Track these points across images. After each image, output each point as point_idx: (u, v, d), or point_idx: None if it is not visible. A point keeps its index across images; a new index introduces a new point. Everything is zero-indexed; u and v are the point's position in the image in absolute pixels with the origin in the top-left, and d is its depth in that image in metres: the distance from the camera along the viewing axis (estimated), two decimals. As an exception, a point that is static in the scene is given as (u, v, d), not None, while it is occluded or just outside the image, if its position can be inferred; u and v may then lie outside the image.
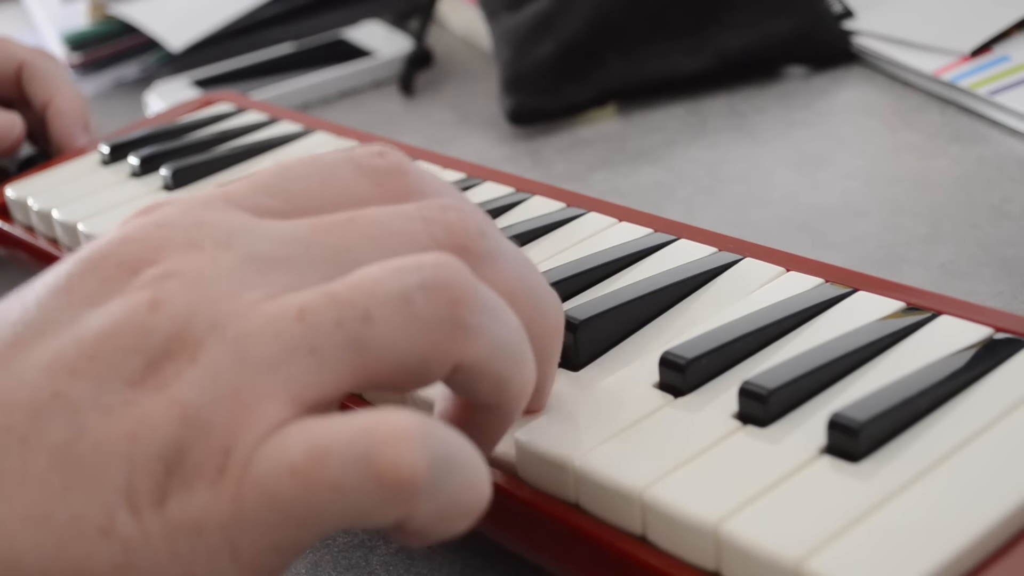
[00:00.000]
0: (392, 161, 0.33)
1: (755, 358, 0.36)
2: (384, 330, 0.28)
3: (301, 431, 0.27)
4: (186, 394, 0.27)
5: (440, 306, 0.28)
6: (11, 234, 0.58)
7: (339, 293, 0.28)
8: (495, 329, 0.29)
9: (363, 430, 0.26)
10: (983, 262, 0.51)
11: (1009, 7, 0.69)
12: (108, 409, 0.27)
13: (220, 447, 0.26)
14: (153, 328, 0.27)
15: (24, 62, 0.67)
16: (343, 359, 0.27)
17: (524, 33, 0.72)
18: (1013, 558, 0.28)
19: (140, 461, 0.26)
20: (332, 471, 0.26)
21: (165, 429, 0.26)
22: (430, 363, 0.28)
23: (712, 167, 0.63)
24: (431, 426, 0.27)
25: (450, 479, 0.27)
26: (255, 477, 0.26)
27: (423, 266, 0.28)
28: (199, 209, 0.31)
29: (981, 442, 0.31)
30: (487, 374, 0.29)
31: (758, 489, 0.30)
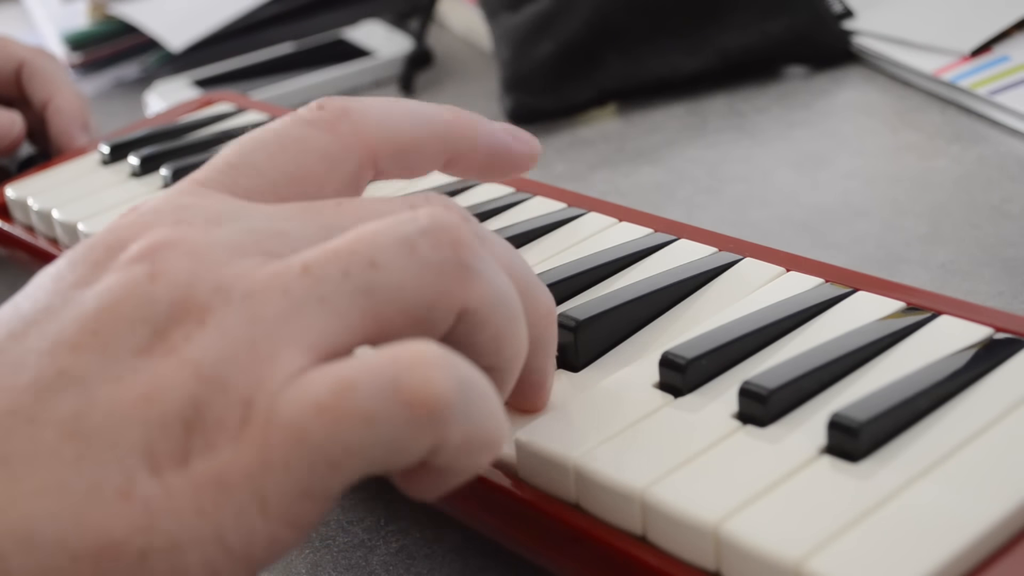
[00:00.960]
0: (333, 107, 0.34)
1: (755, 358, 0.36)
2: (391, 273, 0.28)
3: (323, 371, 0.27)
4: (199, 354, 0.26)
5: (443, 248, 0.28)
6: (11, 234, 0.58)
7: (341, 246, 0.28)
8: (495, 278, 0.29)
9: (387, 359, 0.26)
10: (983, 262, 0.51)
11: (1009, 7, 0.69)
12: (118, 378, 0.26)
13: (240, 399, 0.26)
14: (155, 297, 0.27)
15: (24, 61, 0.67)
16: (353, 305, 0.27)
17: (524, 33, 0.72)
18: (1013, 558, 0.28)
19: (157, 422, 0.26)
20: (361, 401, 0.26)
21: (181, 389, 0.26)
22: (438, 306, 0.28)
23: (712, 167, 0.63)
24: (451, 353, 0.27)
25: (474, 404, 0.27)
26: (281, 420, 0.26)
27: (420, 215, 0.29)
28: (179, 196, 0.31)
29: (981, 442, 0.31)
30: (488, 324, 0.29)
31: (758, 489, 0.30)
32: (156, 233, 0.29)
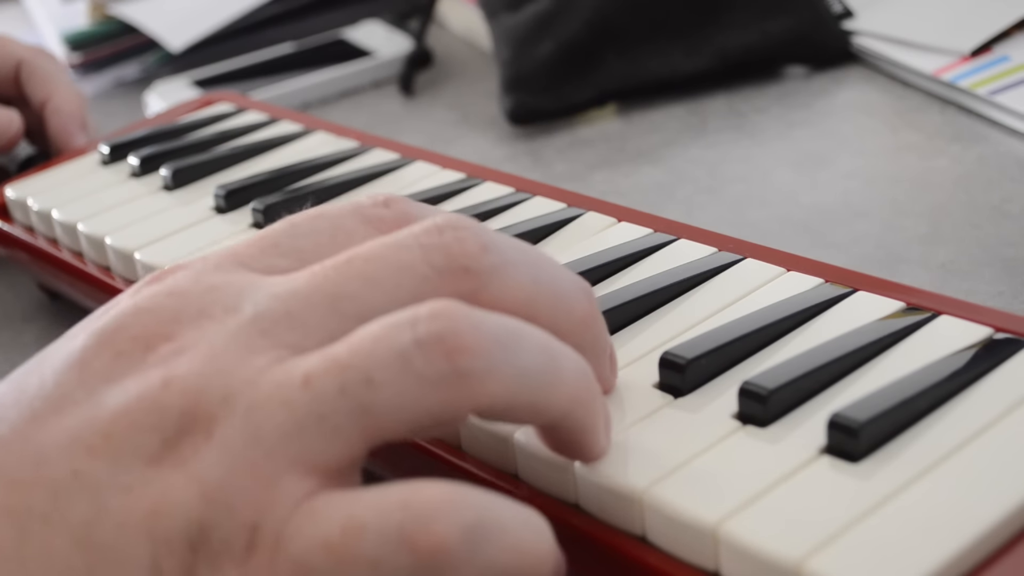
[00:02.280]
0: (397, 210, 0.33)
1: (755, 358, 0.36)
2: (388, 393, 0.27)
3: (334, 505, 0.27)
4: (205, 472, 0.27)
5: (438, 361, 0.27)
6: (11, 234, 0.58)
7: (340, 357, 0.28)
8: (509, 363, 0.28)
9: (397, 504, 0.26)
10: (983, 262, 0.51)
11: (1009, 7, 0.69)
12: (127, 488, 0.27)
13: (246, 524, 0.26)
14: (167, 405, 0.28)
15: (23, 60, 0.67)
16: (352, 424, 0.27)
17: (524, 33, 0.72)
18: (1013, 558, 0.28)
19: (163, 540, 0.26)
20: (367, 546, 0.26)
21: (187, 508, 0.26)
22: (443, 417, 0.28)
23: (712, 167, 0.63)
24: (466, 494, 0.27)
25: (487, 545, 0.26)
26: (288, 553, 0.26)
27: (417, 320, 0.28)
28: (211, 273, 0.31)
29: (981, 442, 0.31)
30: (516, 407, 0.29)
31: (758, 489, 0.30)
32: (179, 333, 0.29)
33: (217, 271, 0.31)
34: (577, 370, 0.30)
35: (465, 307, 0.28)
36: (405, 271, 0.29)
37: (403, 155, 0.55)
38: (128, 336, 0.29)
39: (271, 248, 0.32)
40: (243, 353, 0.28)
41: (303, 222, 0.32)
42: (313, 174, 0.54)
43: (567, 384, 0.30)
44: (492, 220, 0.47)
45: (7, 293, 0.62)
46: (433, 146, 0.69)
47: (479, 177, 0.51)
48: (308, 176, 0.54)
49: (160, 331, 0.29)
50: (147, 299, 0.30)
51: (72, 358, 0.29)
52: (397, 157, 0.55)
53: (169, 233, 0.51)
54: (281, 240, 0.32)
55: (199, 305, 0.30)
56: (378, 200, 0.33)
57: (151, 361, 0.29)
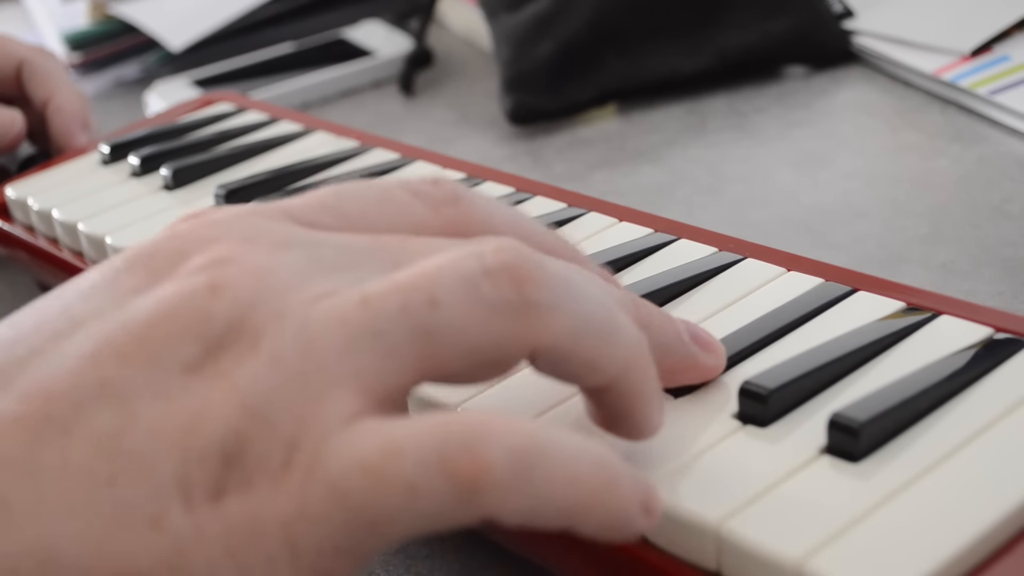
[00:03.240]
0: (446, 189, 0.32)
1: (755, 358, 0.36)
2: (452, 314, 0.26)
3: (374, 427, 0.25)
4: (249, 383, 0.25)
5: (506, 287, 0.27)
6: (11, 234, 0.58)
7: (401, 279, 0.27)
8: (573, 304, 0.27)
9: (437, 427, 0.25)
10: (983, 262, 0.51)
11: (1009, 7, 0.69)
12: (162, 396, 0.25)
13: (285, 440, 0.25)
14: (213, 312, 0.26)
15: (24, 60, 0.67)
16: (410, 345, 0.26)
17: (524, 33, 0.72)
18: (1013, 558, 0.28)
19: (196, 452, 0.25)
20: (405, 470, 0.24)
21: (225, 419, 0.25)
22: (503, 348, 0.27)
23: (712, 167, 0.63)
24: (510, 420, 0.26)
25: (537, 473, 0.25)
26: (324, 473, 0.25)
27: (484, 252, 0.27)
28: (252, 215, 0.30)
29: (981, 442, 0.31)
30: (574, 354, 0.28)
31: (758, 489, 0.30)
32: (222, 246, 0.28)
33: (259, 215, 0.30)
34: (635, 335, 0.29)
35: (529, 248, 0.28)
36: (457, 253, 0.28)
37: (403, 155, 0.55)
38: (165, 255, 0.28)
39: (316, 205, 0.31)
40: (298, 279, 0.27)
41: (351, 188, 0.32)
42: (313, 174, 0.54)
43: (625, 344, 0.29)
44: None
45: (7, 293, 0.62)
46: (433, 146, 0.69)
47: (479, 177, 0.51)
48: (308, 176, 0.54)
49: (199, 248, 0.28)
50: (184, 228, 0.29)
51: (102, 279, 0.28)
52: (397, 157, 0.55)
53: (169, 233, 0.51)
54: (328, 200, 0.31)
55: (244, 234, 0.28)
56: (427, 178, 0.32)
57: (190, 268, 0.27)
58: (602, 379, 0.29)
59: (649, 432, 0.31)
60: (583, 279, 0.29)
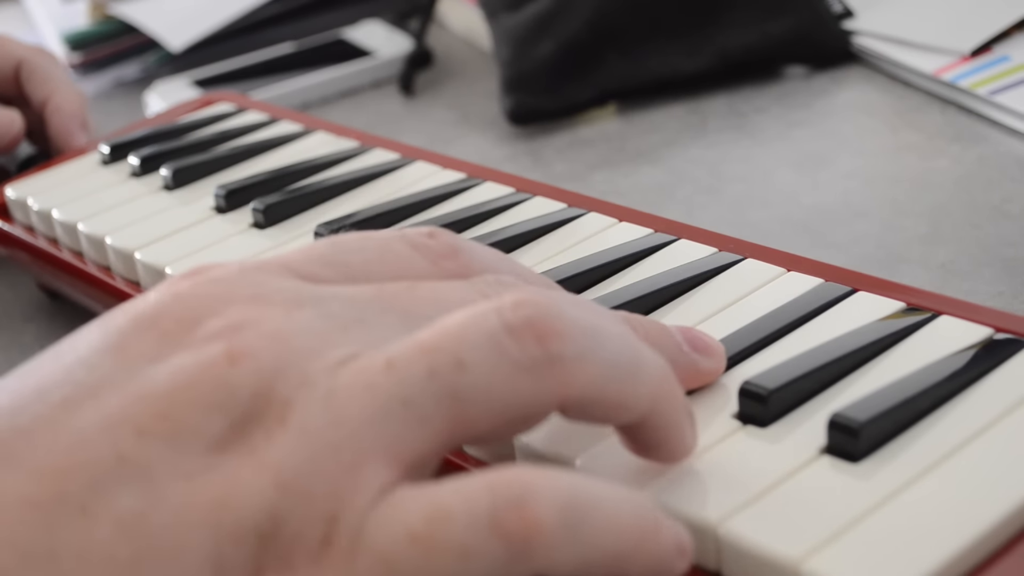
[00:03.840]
0: (444, 241, 0.32)
1: (755, 358, 0.36)
2: (479, 376, 0.26)
3: (416, 494, 0.25)
4: (280, 459, 0.24)
5: (531, 345, 0.26)
6: (11, 234, 0.58)
7: (426, 342, 0.26)
8: (597, 352, 0.27)
9: (483, 487, 0.25)
10: (983, 262, 0.51)
11: (1009, 7, 0.69)
12: (187, 475, 0.24)
13: (323, 516, 0.24)
14: (235, 384, 0.25)
15: (23, 60, 0.67)
16: (440, 409, 0.26)
17: (524, 33, 0.72)
18: (1013, 558, 0.28)
19: (229, 532, 0.24)
20: (456, 534, 0.24)
21: (259, 497, 0.24)
22: (532, 405, 0.27)
23: (712, 167, 0.63)
24: (553, 474, 0.25)
25: (585, 525, 0.25)
26: (370, 547, 0.24)
27: (503, 307, 0.27)
28: (255, 272, 0.29)
29: (981, 442, 0.31)
30: (603, 400, 0.28)
31: (758, 489, 0.30)
32: (234, 310, 0.27)
33: (260, 270, 0.29)
34: (659, 366, 0.29)
35: (546, 297, 0.27)
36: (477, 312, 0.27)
37: (403, 155, 0.55)
38: (173, 318, 0.27)
39: (317, 258, 0.30)
40: (318, 342, 0.26)
41: (349, 240, 0.31)
42: (313, 174, 0.54)
43: (651, 378, 0.29)
44: (492, 220, 0.47)
45: (7, 293, 0.62)
46: (433, 146, 0.69)
47: (479, 177, 0.51)
48: (308, 176, 0.54)
49: (210, 310, 0.27)
50: (188, 287, 0.28)
51: (107, 342, 0.26)
52: (397, 157, 0.55)
53: (169, 233, 0.51)
54: (327, 252, 0.31)
55: (251, 292, 0.27)
56: (423, 231, 0.32)
57: (204, 335, 0.26)
58: (633, 417, 0.29)
59: (684, 455, 0.31)
60: (601, 319, 0.28)
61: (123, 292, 0.50)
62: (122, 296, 0.50)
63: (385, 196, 0.51)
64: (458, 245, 0.32)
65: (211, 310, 0.27)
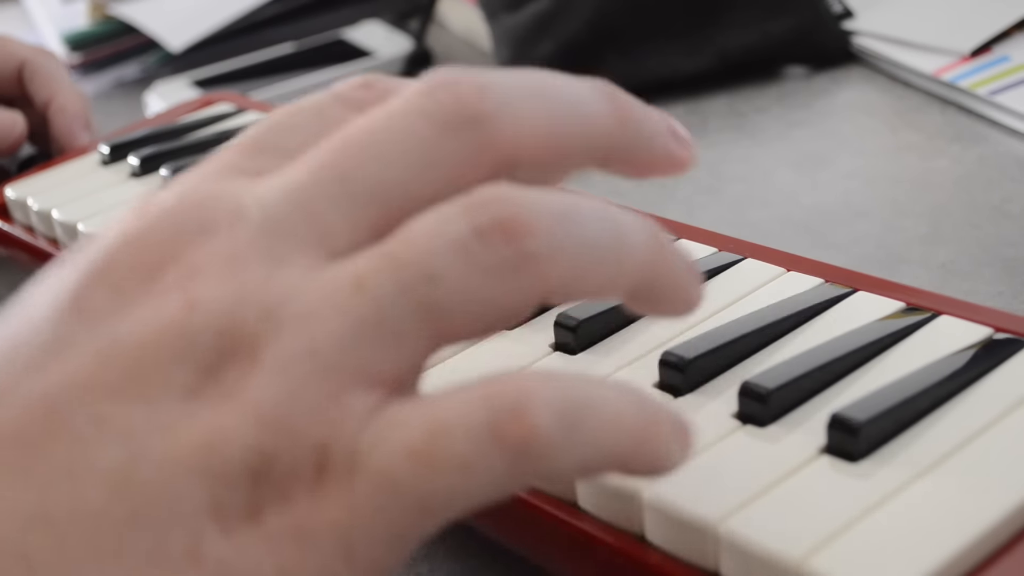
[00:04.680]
0: (380, 88, 0.30)
1: (755, 358, 0.36)
2: (451, 287, 0.25)
3: (410, 410, 0.24)
4: (258, 396, 0.24)
5: (501, 247, 0.25)
6: (11, 234, 0.58)
7: (393, 254, 0.25)
8: (573, 239, 0.26)
9: (479, 399, 0.24)
10: (983, 262, 0.51)
11: (1009, 7, 0.69)
12: (167, 427, 0.24)
13: (313, 445, 0.24)
14: (196, 330, 0.25)
15: (25, 60, 0.67)
16: (416, 326, 0.25)
17: (524, 33, 0.72)
18: (1013, 558, 0.28)
19: (221, 474, 0.24)
20: (455, 447, 0.24)
21: (244, 437, 0.24)
22: (511, 305, 0.26)
23: (712, 167, 0.63)
24: (548, 378, 0.25)
25: (583, 425, 0.25)
26: (368, 468, 0.24)
27: (470, 207, 0.26)
28: (196, 187, 0.28)
29: (981, 442, 0.31)
30: (587, 284, 0.27)
31: (758, 488, 0.30)
32: (183, 252, 0.26)
33: (202, 182, 0.27)
34: (643, 231, 0.28)
35: (515, 187, 0.26)
36: (407, 138, 0.27)
37: (403, 155, 0.55)
38: (124, 267, 0.26)
39: (253, 150, 0.29)
40: (269, 263, 0.26)
41: (283, 118, 0.30)
42: (313, 174, 0.54)
43: (636, 248, 0.27)
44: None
45: (7, 293, 0.61)
46: (433, 146, 0.69)
47: (479, 177, 0.51)
48: (308, 176, 0.54)
49: (160, 256, 0.26)
50: (133, 227, 0.27)
51: (62, 301, 0.25)
52: (397, 157, 0.55)
53: (169, 233, 0.51)
54: (263, 139, 0.29)
55: (196, 220, 0.26)
56: (356, 82, 0.30)
57: (161, 288, 0.25)
58: (624, 291, 0.28)
59: (689, 309, 0.29)
60: (575, 199, 0.27)
61: (123, 292, 0.50)
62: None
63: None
64: (396, 87, 0.30)
65: (161, 255, 0.26)
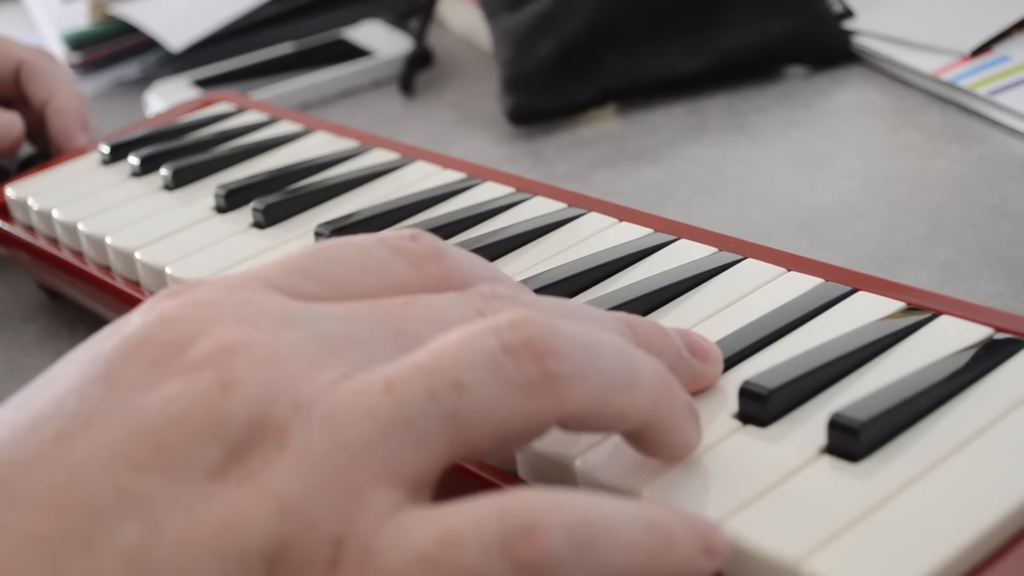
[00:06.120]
0: (426, 244, 0.32)
1: (755, 358, 0.36)
2: (478, 397, 0.26)
3: (425, 517, 0.25)
4: (280, 484, 0.25)
5: (528, 364, 0.26)
6: (11, 234, 0.58)
7: (424, 363, 0.26)
8: (594, 367, 0.27)
9: (493, 511, 0.25)
10: (983, 262, 0.51)
11: (1009, 7, 0.69)
12: (187, 506, 0.24)
13: (328, 538, 0.24)
14: (229, 412, 0.25)
15: (23, 61, 0.67)
16: (440, 431, 0.26)
17: (524, 33, 0.72)
18: (1013, 558, 0.28)
19: (235, 560, 0.24)
20: (467, 558, 0.24)
21: (262, 523, 0.24)
22: (530, 422, 0.27)
23: (712, 167, 0.63)
24: (561, 497, 0.26)
25: (595, 547, 0.25)
26: (380, 567, 0.24)
27: (500, 327, 0.27)
28: (240, 290, 0.29)
29: (981, 442, 0.31)
30: (602, 413, 0.28)
31: (758, 489, 0.30)
32: (222, 333, 0.27)
33: (246, 289, 0.29)
34: (655, 371, 0.29)
35: (541, 315, 0.27)
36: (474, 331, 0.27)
37: (403, 155, 0.55)
38: (160, 343, 0.27)
39: (297, 271, 0.30)
40: (309, 364, 0.26)
41: (328, 248, 0.31)
42: (313, 174, 0.54)
43: (648, 386, 0.29)
44: (492, 220, 0.47)
45: (7, 293, 0.62)
46: (433, 146, 0.69)
47: (479, 177, 0.51)
48: (308, 176, 0.54)
49: (197, 334, 0.27)
50: (172, 309, 0.28)
51: (95, 371, 0.26)
52: (397, 157, 0.55)
53: (169, 233, 0.51)
54: (306, 264, 0.30)
55: (237, 314, 0.27)
56: (404, 234, 0.32)
57: (194, 361, 0.26)
58: (633, 425, 0.29)
59: (687, 454, 0.31)
60: (595, 332, 0.28)
61: (123, 292, 0.50)
62: (122, 296, 0.50)
63: (385, 196, 0.51)
64: (440, 248, 0.32)
65: (198, 333, 0.27)
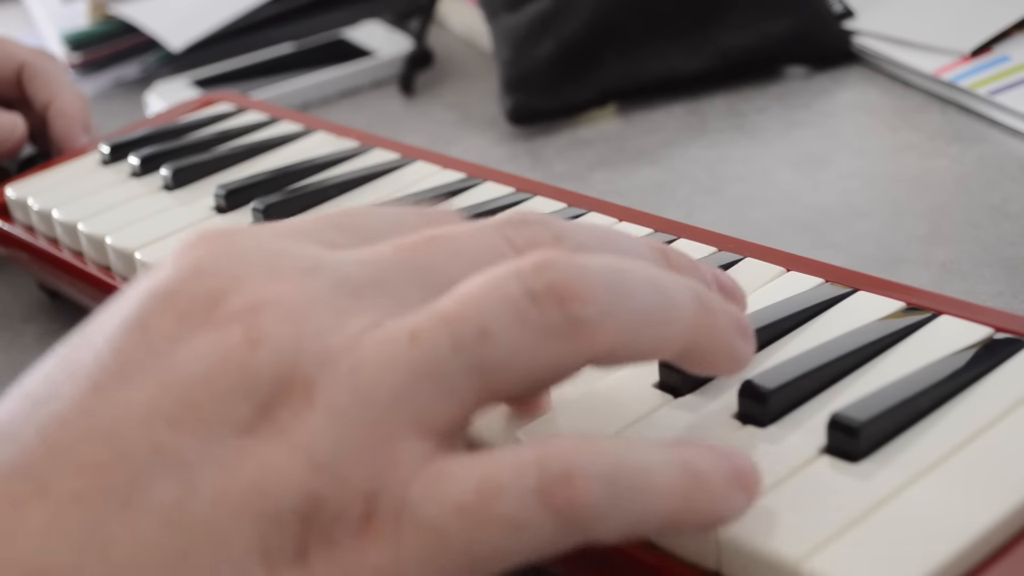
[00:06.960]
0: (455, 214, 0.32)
1: (755, 358, 0.36)
2: (504, 345, 0.26)
3: (462, 465, 0.25)
4: (311, 439, 0.25)
5: (553, 309, 0.26)
6: (11, 234, 0.58)
7: (448, 311, 0.26)
8: (622, 306, 0.27)
9: (532, 460, 0.25)
10: (983, 262, 0.51)
11: (1009, 7, 0.69)
12: (220, 463, 0.24)
13: (361, 492, 0.25)
14: (256, 368, 0.25)
15: (24, 63, 0.67)
16: (467, 380, 0.26)
17: (524, 33, 0.72)
18: (1013, 558, 0.28)
19: (270, 516, 0.24)
20: (506, 507, 0.24)
21: (295, 480, 0.24)
22: (560, 366, 0.27)
23: (712, 167, 0.63)
24: (597, 445, 0.26)
25: (631, 492, 0.25)
26: (417, 519, 0.24)
27: (523, 271, 0.27)
28: (271, 239, 0.29)
29: (981, 442, 0.31)
30: (635, 349, 0.28)
31: (758, 489, 0.30)
32: (251, 287, 0.27)
33: (278, 237, 0.29)
34: (690, 296, 0.29)
35: (567, 254, 0.27)
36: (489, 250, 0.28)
37: (403, 155, 0.55)
38: (190, 295, 0.27)
39: (330, 226, 0.30)
40: (334, 315, 0.26)
41: (362, 210, 0.31)
42: (313, 174, 0.54)
43: (683, 314, 0.28)
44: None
45: (7, 293, 0.62)
46: (433, 146, 0.69)
47: (479, 177, 0.51)
48: (308, 176, 0.54)
49: (225, 287, 0.27)
50: (204, 259, 0.28)
51: (128, 323, 0.26)
52: (397, 157, 0.55)
53: (169, 233, 0.51)
54: (340, 220, 0.30)
55: (267, 266, 0.27)
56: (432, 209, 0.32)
57: (222, 316, 0.26)
58: (672, 354, 0.29)
59: (739, 367, 0.31)
60: (626, 266, 0.28)
61: (123, 292, 0.50)
62: (122, 296, 0.50)
63: (385, 196, 0.51)
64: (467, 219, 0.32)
65: (228, 286, 0.27)
